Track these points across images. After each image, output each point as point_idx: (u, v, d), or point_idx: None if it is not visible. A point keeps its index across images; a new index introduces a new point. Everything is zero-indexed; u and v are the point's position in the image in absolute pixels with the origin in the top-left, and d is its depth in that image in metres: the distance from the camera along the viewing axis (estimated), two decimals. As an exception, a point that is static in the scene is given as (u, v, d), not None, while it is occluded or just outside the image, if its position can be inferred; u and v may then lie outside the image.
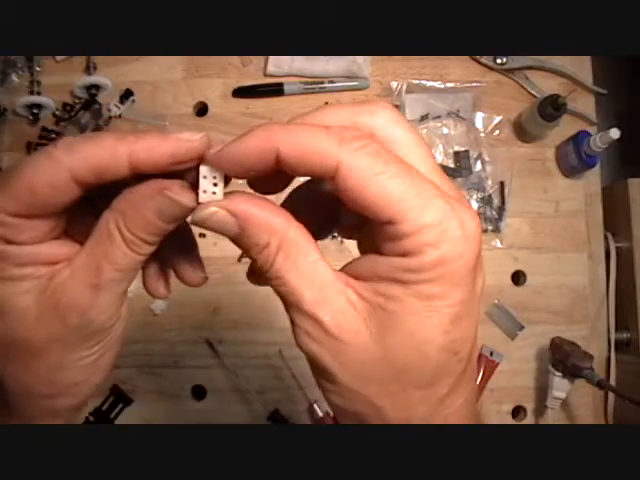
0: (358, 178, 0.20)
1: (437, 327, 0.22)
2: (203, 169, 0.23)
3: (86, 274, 0.24)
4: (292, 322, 0.24)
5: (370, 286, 0.22)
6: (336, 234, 0.29)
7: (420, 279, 0.21)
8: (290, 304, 0.24)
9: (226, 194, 0.24)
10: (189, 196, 0.23)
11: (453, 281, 0.21)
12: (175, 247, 0.27)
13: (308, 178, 0.25)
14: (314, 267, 0.23)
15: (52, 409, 0.27)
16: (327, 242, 0.70)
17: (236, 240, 0.23)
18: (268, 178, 0.24)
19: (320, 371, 0.24)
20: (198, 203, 0.23)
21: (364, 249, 0.26)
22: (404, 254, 0.21)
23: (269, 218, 0.23)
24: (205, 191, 0.23)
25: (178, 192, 0.23)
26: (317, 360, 0.23)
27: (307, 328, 0.23)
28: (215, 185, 0.23)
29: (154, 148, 0.22)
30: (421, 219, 0.20)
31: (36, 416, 0.28)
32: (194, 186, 0.23)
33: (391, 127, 0.22)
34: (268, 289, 0.29)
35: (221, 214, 0.23)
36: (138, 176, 0.23)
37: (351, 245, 0.70)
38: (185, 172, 0.24)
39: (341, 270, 0.24)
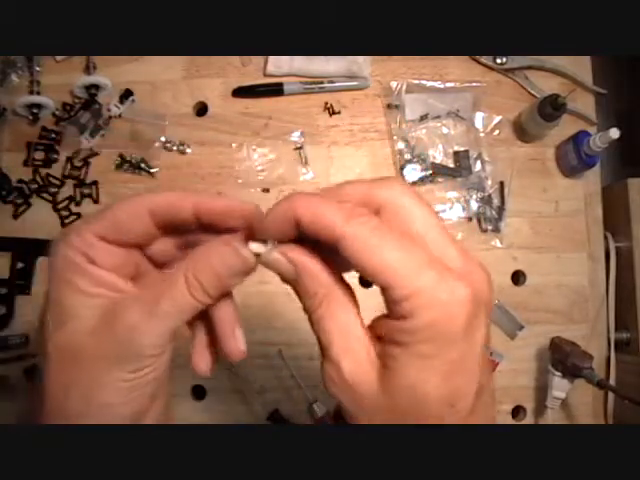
0: (359, 247, 0.24)
1: (432, 382, 0.24)
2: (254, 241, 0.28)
3: (145, 303, 0.28)
4: (321, 363, 0.27)
5: (382, 345, 0.26)
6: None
7: (414, 340, 0.23)
8: (323, 347, 0.27)
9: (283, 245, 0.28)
10: (248, 251, 0.28)
11: (445, 341, 0.23)
12: (221, 321, 0.31)
13: None
14: (348, 321, 0.27)
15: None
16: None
17: (291, 283, 0.28)
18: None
19: (342, 407, 0.27)
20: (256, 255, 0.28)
21: None
22: (399, 317, 0.24)
23: (320, 273, 0.27)
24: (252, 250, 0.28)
25: (240, 246, 0.28)
26: (337, 400, 0.27)
27: (330, 371, 0.26)
28: (264, 242, 0.28)
29: (212, 201, 0.28)
30: (412, 286, 0.23)
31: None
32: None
33: (401, 199, 0.25)
34: (268, 289, 0.29)
35: (283, 261, 0.28)
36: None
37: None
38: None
39: (370, 326, 0.27)
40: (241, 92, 0.72)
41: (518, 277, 0.72)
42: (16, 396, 0.65)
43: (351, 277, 0.28)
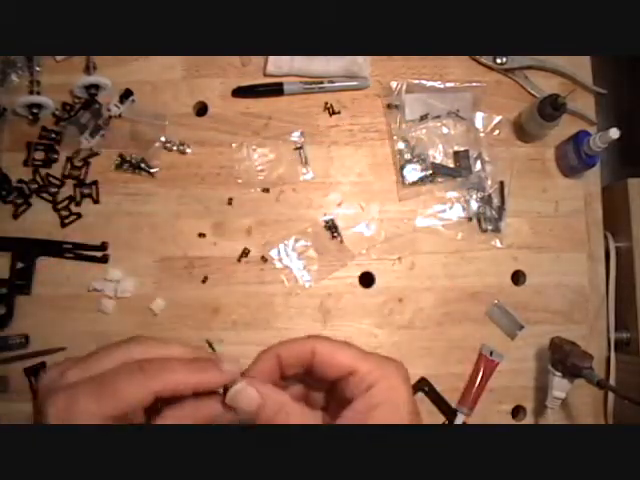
0: (328, 352, 0.34)
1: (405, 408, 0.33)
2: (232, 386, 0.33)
3: None
4: None
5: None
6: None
7: (382, 400, 0.32)
8: None
9: None
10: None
11: (399, 391, 0.33)
12: None
13: None
14: None
15: None
16: (327, 242, 0.70)
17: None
18: None
19: None
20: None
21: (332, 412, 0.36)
22: (367, 388, 0.32)
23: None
24: (230, 392, 0.33)
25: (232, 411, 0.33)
26: None
27: None
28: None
29: (214, 382, 0.32)
30: (368, 364, 0.34)
31: None
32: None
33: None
34: (268, 289, 0.29)
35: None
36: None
37: (351, 245, 0.70)
38: None
39: None
40: (241, 92, 0.72)
41: (518, 277, 0.72)
42: (16, 396, 0.65)
43: (352, 277, 0.29)
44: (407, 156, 0.72)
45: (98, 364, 0.31)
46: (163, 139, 0.71)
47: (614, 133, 0.64)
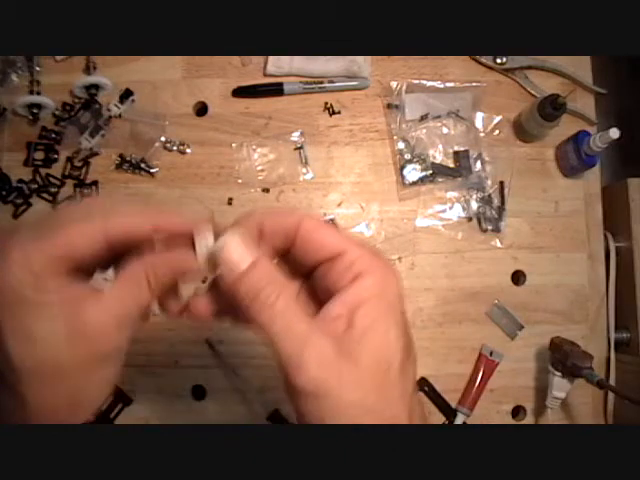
0: (314, 229, 0.29)
1: (392, 334, 0.28)
2: (199, 232, 0.30)
3: (113, 308, 0.29)
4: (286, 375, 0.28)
5: (333, 323, 0.28)
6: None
7: (370, 295, 0.28)
8: (283, 352, 0.28)
9: None
10: (212, 269, 0.29)
11: (392, 298, 0.28)
12: None
13: None
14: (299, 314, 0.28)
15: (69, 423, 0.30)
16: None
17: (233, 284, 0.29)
18: None
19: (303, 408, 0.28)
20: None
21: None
22: (353, 279, 0.28)
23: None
24: (201, 247, 0.30)
25: (203, 264, 0.30)
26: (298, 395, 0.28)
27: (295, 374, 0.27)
28: (206, 245, 0.30)
29: (173, 223, 0.29)
30: (361, 251, 0.29)
31: None
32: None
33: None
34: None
35: (240, 247, 0.29)
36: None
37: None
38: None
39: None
40: (241, 92, 0.72)
41: (518, 277, 0.72)
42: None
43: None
44: (407, 156, 0.72)
45: (54, 214, 0.30)
46: (163, 139, 0.71)
47: (614, 133, 0.64)
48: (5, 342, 0.27)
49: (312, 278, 0.31)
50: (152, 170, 0.70)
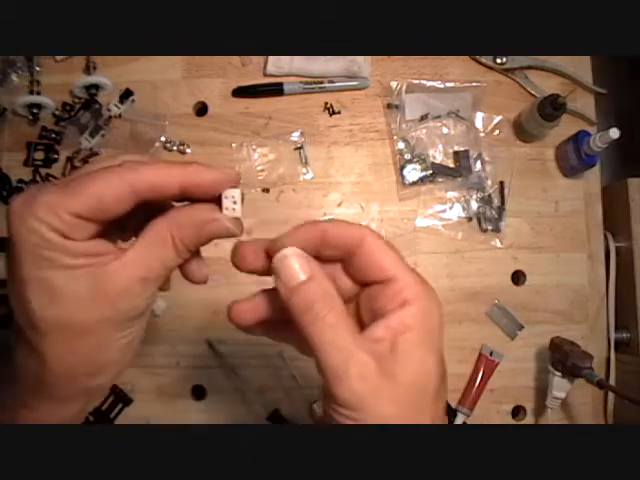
0: (377, 248, 0.29)
1: (431, 360, 0.29)
2: (226, 192, 0.29)
3: (138, 269, 0.29)
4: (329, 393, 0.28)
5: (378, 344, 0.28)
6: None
7: (414, 323, 0.29)
8: (328, 368, 0.28)
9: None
10: (239, 226, 0.30)
11: (433, 327, 0.30)
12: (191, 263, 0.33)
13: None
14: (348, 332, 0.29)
15: (88, 388, 0.31)
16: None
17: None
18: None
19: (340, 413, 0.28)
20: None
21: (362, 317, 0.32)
22: (401, 304, 0.29)
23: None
24: (227, 208, 0.29)
25: (230, 222, 0.30)
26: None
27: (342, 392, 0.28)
28: (234, 204, 0.30)
29: (202, 174, 0.28)
30: (413, 279, 0.30)
31: (71, 396, 0.30)
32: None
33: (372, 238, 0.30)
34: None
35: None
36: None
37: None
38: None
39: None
40: (241, 92, 0.72)
41: (518, 277, 0.72)
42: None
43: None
44: (407, 156, 0.72)
45: (78, 172, 0.29)
46: (163, 139, 0.71)
47: (614, 133, 0.64)
48: (28, 298, 0.27)
49: (360, 295, 0.32)
50: (152, 170, 0.70)
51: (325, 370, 0.27)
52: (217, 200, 0.30)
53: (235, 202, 0.29)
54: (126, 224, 0.31)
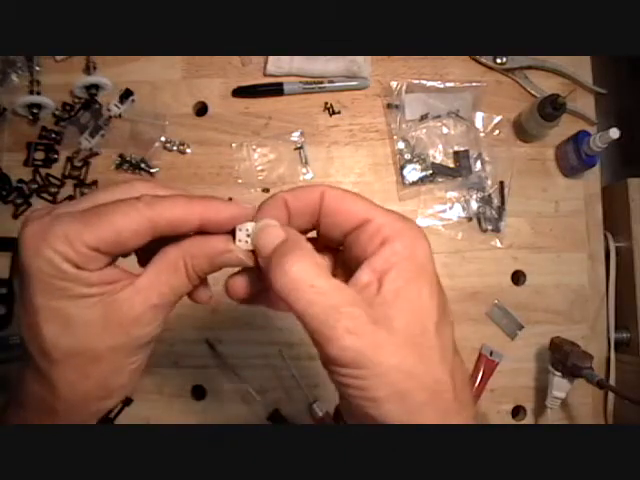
0: (338, 198, 0.29)
1: (425, 292, 0.28)
2: (241, 226, 0.30)
3: (151, 296, 0.29)
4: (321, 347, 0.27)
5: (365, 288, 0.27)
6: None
7: (401, 258, 0.27)
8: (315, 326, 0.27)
9: None
10: (250, 257, 0.30)
11: (423, 259, 0.28)
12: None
13: None
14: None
15: (97, 410, 0.31)
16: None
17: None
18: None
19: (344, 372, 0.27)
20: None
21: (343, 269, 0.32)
22: (381, 243, 0.27)
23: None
24: (240, 240, 0.30)
25: (243, 254, 0.30)
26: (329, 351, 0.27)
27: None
28: (248, 236, 0.30)
29: (221, 212, 0.29)
30: (389, 217, 0.28)
31: (80, 419, 0.31)
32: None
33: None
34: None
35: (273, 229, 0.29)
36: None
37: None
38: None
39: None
40: (241, 92, 0.72)
41: (518, 277, 0.72)
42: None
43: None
44: (407, 156, 0.72)
45: (93, 198, 0.28)
46: (163, 139, 0.71)
47: (614, 133, 0.64)
48: (40, 326, 0.27)
49: (343, 250, 0.31)
50: (152, 170, 0.70)
51: (313, 334, 0.26)
52: (231, 230, 0.30)
53: (248, 235, 0.30)
54: None
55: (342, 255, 0.31)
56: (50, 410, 0.29)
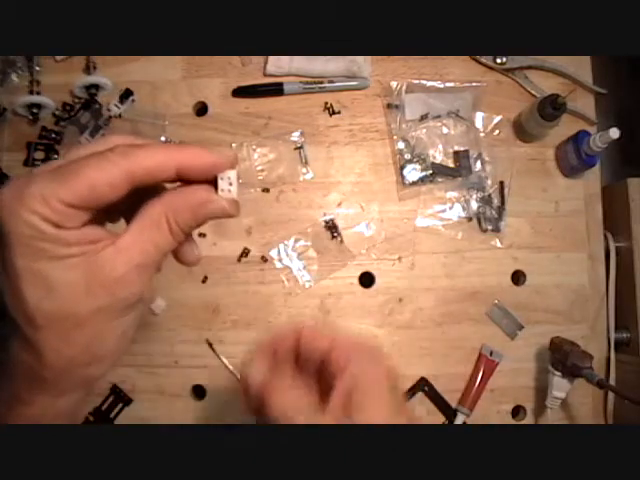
0: (310, 335, 0.36)
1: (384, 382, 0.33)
2: (222, 174, 0.29)
3: (134, 255, 0.28)
4: None
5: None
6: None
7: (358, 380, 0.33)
8: None
9: None
10: (235, 206, 0.30)
11: (376, 365, 0.34)
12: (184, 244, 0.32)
13: None
14: None
15: (85, 378, 0.30)
16: (327, 242, 0.70)
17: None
18: None
19: None
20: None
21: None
22: (343, 369, 0.33)
23: None
24: (223, 189, 0.29)
25: (227, 203, 0.29)
26: None
27: None
28: (230, 185, 0.29)
29: (200, 158, 0.28)
30: (343, 345, 0.34)
31: (69, 388, 0.30)
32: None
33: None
34: (267, 289, 0.30)
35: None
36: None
37: (351, 245, 0.70)
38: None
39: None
40: (241, 92, 0.72)
41: (518, 277, 0.72)
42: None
43: (352, 277, 0.29)
44: (407, 156, 0.72)
45: (69, 157, 0.28)
46: (163, 139, 0.71)
47: (614, 133, 0.64)
48: (22, 290, 0.27)
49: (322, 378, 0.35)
50: (152, 170, 0.70)
51: None
52: (212, 181, 0.29)
53: (231, 183, 0.29)
54: (114, 206, 0.29)
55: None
56: (39, 378, 0.29)
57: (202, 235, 0.69)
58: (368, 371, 0.33)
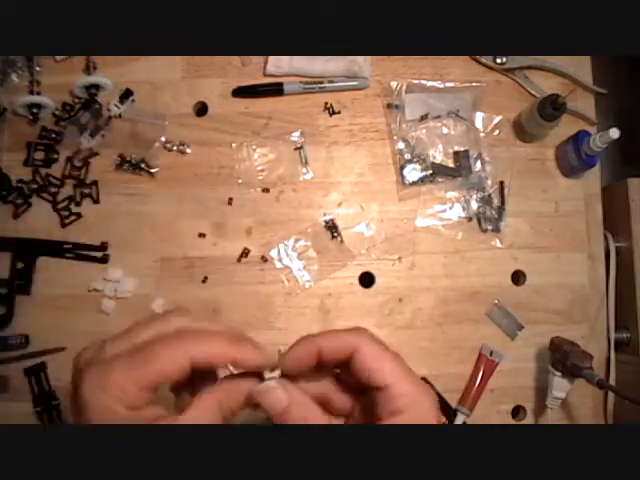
0: (370, 358, 0.32)
1: None
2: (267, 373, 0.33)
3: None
4: None
5: None
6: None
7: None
8: None
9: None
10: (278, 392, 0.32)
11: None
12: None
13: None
14: None
15: None
16: (327, 242, 0.70)
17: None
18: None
19: None
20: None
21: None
22: (394, 412, 0.30)
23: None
24: (268, 378, 0.33)
25: (270, 398, 0.32)
26: None
27: None
28: (271, 380, 0.33)
29: (250, 358, 0.32)
30: (407, 386, 0.31)
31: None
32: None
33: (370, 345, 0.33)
34: (268, 290, 0.30)
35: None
36: None
37: (351, 245, 0.70)
38: None
39: None
40: (241, 92, 0.72)
41: (518, 277, 0.72)
42: (16, 396, 0.65)
43: (352, 277, 0.29)
44: (407, 156, 0.72)
45: (136, 336, 0.32)
46: (163, 139, 0.71)
47: (614, 133, 0.64)
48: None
49: (362, 391, 0.34)
50: (152, 170, 0.70)
51: None
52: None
53: (274, 377, 0.33)
54: None
55: (359, 392, 0.35)
56: None
57: (202, 235, 0.69)
58: (422, 402, 0.31)
